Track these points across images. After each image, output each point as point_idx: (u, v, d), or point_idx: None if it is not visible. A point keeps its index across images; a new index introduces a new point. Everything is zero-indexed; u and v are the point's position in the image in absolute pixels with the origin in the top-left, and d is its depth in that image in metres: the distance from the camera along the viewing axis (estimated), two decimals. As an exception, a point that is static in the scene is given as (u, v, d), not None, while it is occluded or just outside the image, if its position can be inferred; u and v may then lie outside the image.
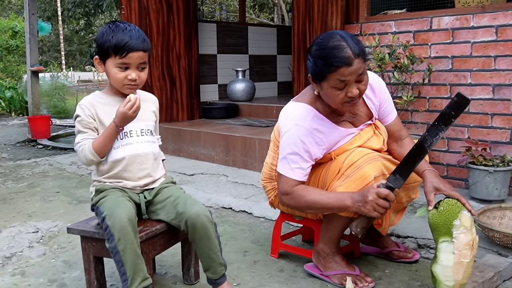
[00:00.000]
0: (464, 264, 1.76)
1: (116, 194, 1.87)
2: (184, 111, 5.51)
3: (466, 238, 1.75)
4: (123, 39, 1.82)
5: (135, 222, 1.77)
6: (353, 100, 1.88)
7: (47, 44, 28.29)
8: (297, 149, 1.96)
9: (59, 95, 10.12)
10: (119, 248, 1.69)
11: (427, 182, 1.94)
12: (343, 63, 1.78)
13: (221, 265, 1.92)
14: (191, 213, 1.84)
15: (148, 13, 5.03)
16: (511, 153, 3.12)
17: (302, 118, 1.98)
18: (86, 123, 1.89)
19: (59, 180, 4.23)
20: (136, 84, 1.90)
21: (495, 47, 3.13)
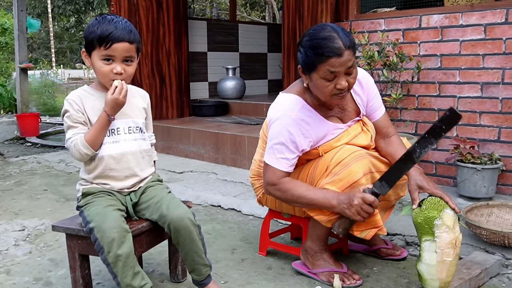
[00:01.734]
0: (447, 262, 1.76)
1: (103, 201, 1.82)
2: (174, 109, 5.49)
3: (449, 237, 1.75)
4: (107, 29, 1.76)
5: (125, 230, 1.71)
6: (342, 93, 1.88)
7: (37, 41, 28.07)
8: (283, 139, 1.95)
9: (48, 92, 10.04)
10: (109, 260, 1.67)
11: (411, 180, 1.94)
12: (333, 53, 1.78)
13: (205, 266, 1.90)
14: (174, 217, 1.81)
15: (138, 10, 5.00)
16: (499, 151, 3.14)
17: (290, 108, 1.97)
18: (75, 117, 1.83)
19: (47, 178, 4.19)
20: (122, 78, 1.83)
21: (483, 46, 3.14)
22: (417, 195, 1.89)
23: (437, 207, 1.79)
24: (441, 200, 1.83)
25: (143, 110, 2.01)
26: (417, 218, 1.82)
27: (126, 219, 1.85)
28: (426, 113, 3.43)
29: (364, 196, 1.81)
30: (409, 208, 1.91)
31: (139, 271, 1.72)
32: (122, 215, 1.79)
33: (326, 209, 1.94)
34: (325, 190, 1.93)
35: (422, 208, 1.83)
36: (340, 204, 1.86)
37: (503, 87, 3.09)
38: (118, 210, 1.81)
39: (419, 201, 1.87)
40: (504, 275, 2.14)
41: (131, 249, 1.69)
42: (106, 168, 1.86)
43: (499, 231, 2.28)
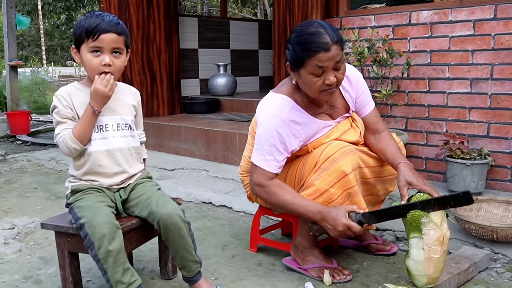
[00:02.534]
0: (434, 259, 1.77)
1: (93, 197, 1.82)
2: (165, 106, 5.47)
3: (436, 234, 1.76)
4: (94, 22, 1.78)
5: (116, 226, 1.71)
6: (331, 89, 1.88)
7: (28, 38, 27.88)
8: (273, 141, 1.96)
9: (39, 90, 9.98)
10: (100, 256, 1.66)
11: (401, 176, 1.95)
12: (321, 48, 1.79)
13: (195, 263, 1.90)
14: (163, 214, 1.81)
15: (128, 6, 4.97)
16: (488, 146, 3.16)
17: (279, 110, 1.98)
18: (64, 113, 1.83)
19: (37, 176, 4.16)
20: (111, 71, 1.83)
21: (472, 42, 3.16)
22: (406, 191, 1.90)
23: None
24: (429, 196, 1.83)
25: (132, 108, 2.00)
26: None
27: (115, 216, 1.85)
28: (416, 109, 3.45)
29: (350, 225, 1.81)
30: (398, 203, 1.91)
31: (129, 267, 1.72)
32: (112, 211, 1.79)
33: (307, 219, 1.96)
34: (310, 202, 1.93)
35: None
36: (323, 221, 1.87)
37: (492, 83, 3.11)
38: (108, 206, 1.81)
39: (407, 197, 1.88)
40: (493, 269, 2.16)
41: (121, 245, 1.69)
42: (95, 164, 1.86)
43: (487, 225, 2.30)
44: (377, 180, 2.12)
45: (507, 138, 3.10)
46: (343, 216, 1.82)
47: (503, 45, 3.04)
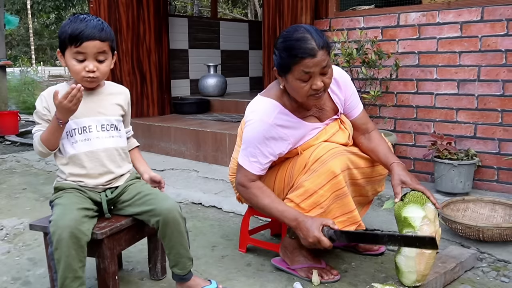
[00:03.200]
0: (426, 255, 1.80)
1: (70, 197, 1.81)
2: (155, 107, 5.46)
3: (429, 229, 1.80)
4: (78, 28, 1.76)
5: (81, 232, 1.67)
6: (318, 93, 1.90)
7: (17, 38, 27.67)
8: (258, 144, 1.98)
9: (28, 90, 9.89)
10: (55, 256, 1.66)
11: (395, 175, 1.98)
12: (307, 54, 1.80)
13: (189, 260, 1.91)
14: (163, 208, 1.83)
15: (118, 7, 4.96)
16: (475, 147, 3.20)
17: (267, 114, 1.99)
18: (41, 114, 1.86)
19: (26, 177, 4.14)
20: (95, 77, 1.83)
21: (460, 43, 3.19)
22: (399, 190, 1.94)
23: (420, 201, 1.85)
24: (423, 195, 1.88)
25: (119, 107, 1.99)
26: (400, 211, 1.85)
27: (99, 216, 1.86)
28: (405, 110, 3.48)
29: (320, 239, 1.84)
30: (391, 202, 1.95)
31: (81, 277, 1.68)
32: (85, 215, 1.75)
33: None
34: (288, 208, 1.96)
35: (405, 201, 1.87)
36: (297, 229, 1.92)
37: (479, 84, 3.15)
38: (82, 209, 1.76)
39: (401, 195, 1.91)
40: (479, 268, 2.19)
41: (79, 252, 1.66)
42: (78, 166, 1.87)
43: (474, 225, 2.33)
44: (366, 181, 2.14)
45: (493, 139, 3.14)
46: (316, 229, 1.85)
47: (489, 47, 3.08)
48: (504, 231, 2.30)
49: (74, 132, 1.86)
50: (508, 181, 3.13)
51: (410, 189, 1.94)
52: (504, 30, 3.02)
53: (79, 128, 1.87)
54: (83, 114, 1.87)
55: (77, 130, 1.86)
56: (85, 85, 1.86)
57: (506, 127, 3.08)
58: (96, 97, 1.93)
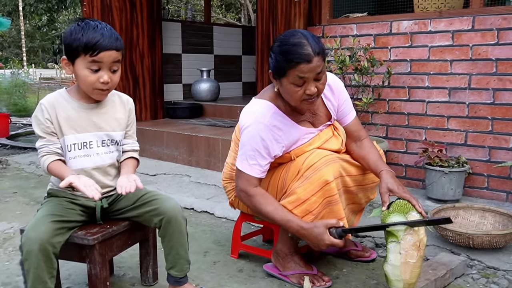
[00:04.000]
0: (411, 264, 1.80)
1: (54, 206, 1.79)
2: (148, 111, 5.46)
3: (413, 239, 1.80)
4: (94, 37, 1.70)
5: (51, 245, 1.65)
6: (311, 98, 1.91)
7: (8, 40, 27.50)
8: (256, 145, 1.98)
9: (19, 92, 9.81)
10: (25, 267, 1.65)
11: (382, 183, 1.99)
12: (302, 59, 1.81)
13: (187, 262, 1.92)
14: (167, 207, 1.84)
15: (111, 10, 4.95)
16: (465, 154, 3.22)
17: (262, 115, 2.00)
18: (44, 127, 1.80)
19: (17, 180, 4.11)
20: (108, 88, 1.79)
21: (451, 52, 3.23)
22: (387, 198, 1.94)
23: (403, 210, 1.84)
24: (408, 203, 1.88)
25: (121, 121, 1.95)
26: (384, 220, 1.87)
27: (91, 223, 1.86)
28: (396, 117, 3.51)
29: (333, 243, 1.87)
30: (378, 210, 1.96)
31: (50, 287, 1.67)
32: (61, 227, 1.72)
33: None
34: (291, 217, 1.95)
35: (390, 210, 1.87)
36: (305, 238, 1.93)
37: (469, 92, 3.18)
38: (59, 221, 1.72)
39: (388, 203, 1.92)
40: (469, 275, 2.21)
41: (48, 264, 1.65)
42: None
43: (464, 232, 2.35)
44: (358, 189, 2.16)
45: (484, 147, 3.17)
46: (325, 235, 1.87)
47: (480, 55, 3.12)
48: (494, 238, 2.32)
49: (74, 147, 1.83)
50: (498, 188, 3.16)
51: (397, 198, 1.95)
52: (494, 39, 3.06)
53: (79, 144, 1.84)
54: (84, 129, 1.85)
55: (77, 145, 1.84)
56: (95, 97, 1.82)
57: (496, 135, 3.12)
58: (99, 110, 1.89)
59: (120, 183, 1.78)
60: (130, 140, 2.02)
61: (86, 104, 1.86)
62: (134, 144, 2.03)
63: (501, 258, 2.34)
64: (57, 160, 1.79)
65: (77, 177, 1.70)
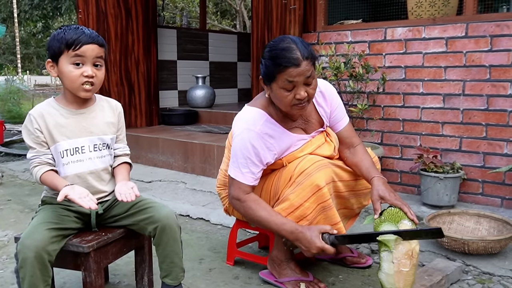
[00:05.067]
0: (404, 273, 1.79)
1: (48, 214, 1.78)
2: (143, 117, 5.45)
3: (405, 248, 1.78)
4: (76, 33, 1.76)
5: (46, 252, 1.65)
6: (301, 103, 1.91)
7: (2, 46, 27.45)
8: (247, 153, 1.98)
9: (14, 99, 9.80)
10: (20, 274, 1.65)
11: (374, 190, 1.98)
12: (291, 63, 1.82)
13: (182, 270, 1.91)
14: (162, 215, 1.83)
15: (106, 17, 4.96)
16: (460, 160, 3.24)
17: (253, 123, 2.00)
18: (34, 137, 1.80)
19: (11, 188, 4.09)
20: (93, 83, 1.80)
21: (445, 58, 3.25)
22: (379, 205, 1.94)
23: (395, 218, 1.83)
24: (400, 211, 1.86)
25: (111, 125, 1.95)
26: (377, 228, 1.86)
27: (87, 229, 1.85)
28: (391, 123, 3.52)
29: (324, 248, 1.86)
30: (371, 218, 1.95)
31: None
32: (57, 235, 1.72)
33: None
34: (285, 220, 1.95)
35: (382, 218, 1.87)
36: (296, 241, 1.92)
37: (463, 99, 3.20)
38: (54, 229, 1.72)
39: (380, 211, 1.92)
40: (464, 281, 2.21)
41: (43, 272, 1.64)
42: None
43: (459, 238, 2.35)
44: (351, 194, 2.16)
45: (478, 153, 3.18)
46: (317, 238, 1.87)
47: (474, 62, 3.14)
48: (489, 244, 2.33)
49: (67, 153, 1.83)
50: (492, 194, 3.17)
51: (389, 205, 1.93)
52: (488, 46, 3.08)
53: (72, 149, 1.84)
54: (75, 134, 1.85)
55: (69, 151, 1.84)
56: (82, 94, 1.82)
57: (490, 140, 3.13)
58: (88, 115, 1.90)
59: (119, 190, 1.78)
60: (121, 144, 2.02)
61: (75, 110, 1.87)
62: (125, 148, 2.04)
63: (496, 264, 2.34)
64: (50, 170, 1.80)
65: (71, 187, 1.70)
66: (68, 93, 1.86)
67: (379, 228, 1.84)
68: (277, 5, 3.83)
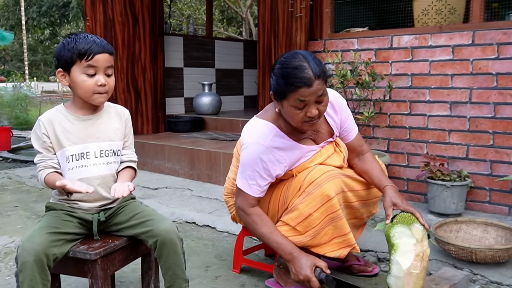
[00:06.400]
0: (414, 275, 1.80)
1: (51, 219, 1.79)
2: (149, 124, 5.47)
3: (416, 250, 1.80)
4: (87, 43, 1.78)
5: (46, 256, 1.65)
6: (313, 120, 1.91)
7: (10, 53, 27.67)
8: (255, 167, 1.98)
9: (21, 106, 9.86)
10: (19, 278, 1.65)
11: (387, 197, 2.00)
12: (303, 83, 1.80)
13: (185, 281, 1.90)
14: (161, 229, 1.82)
15: (114, 25, 4.99)
16: (467, 168, 3.22)
17: (263, 137, 2.00)
18: (41, 142, 1.83)
19: (18, 194, 4.11)
20: (106, 91, 1.83)
21: (452, 66, 3.24)
22: (391, 211, 1.96)
23: (407, 221, 1.87)
24: (412, 216, 1.91)
25: (118, 131, 1.96)
26: (388, 231, 1.87)
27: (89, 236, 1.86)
28: (398, 130, 3.51)
29: (311, 280, 1.92)
30: (382, 223, 1.97)
31: None
32: (58, 239, 1.73)
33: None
34: (285, 242, 2.00)
35: (394, 222, 1.89)
36: (289, 263, 1.97)
37: (470, 106, 3.19)
38: (55, 233, 1.73)
39: (392, 216, 1.93)
40: (472, 290, 2.20)
41: (43, 276, 1.64)
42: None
43: (466, 247, 2.34)
44: (361, 204, 2.16)
45: (485, 160, 3.17)
46: (308, 268, 1.92)
47: (480, 70, 3.13)
48: (497, 252, 2.31)
49: (72, 158, 1.84)
50: (500, 202, 3.15)
51: (401, 211, 1.96)
52: (494, 54, 3.08)
53: (77, 154, 1.85)
54: (82, 140, 1.86)
55: (75, 156, 1.84)
56: (97, 102, 1.84)
57: (497, 148, 3.12)
58: (95, 121, 1.91)
59: (114, 187, 1.79)
60: (129, 151, 2.02)
61: (82, 116, 1.89)
62: (132, 155, 2.03)
63: (504, 273, 2.33)
64: (54, 172, 1.81)
65: (71, 181, 1.73)
66: (78, 100, 1.88)
67: (391, 231, 1.87)
68: (283, 13, 3.85)
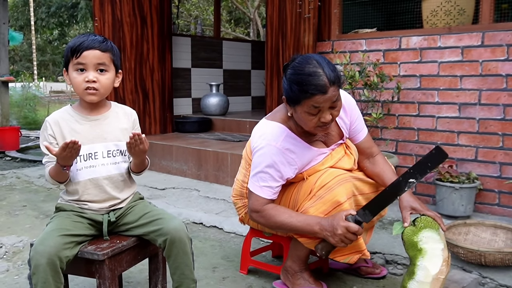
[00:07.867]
0: (441, 280, 1.79)
1: (61, 221, 1.80)
2: (157, 125, 5.49)
3: (444, 254, 1.79)
4: (79, 40, 1.81)
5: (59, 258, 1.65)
6: (326, 125, 1.90)
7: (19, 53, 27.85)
8: (268, 169, 1.97)
9: (30, 105, 9.92)
10: (33, 281, 1.65)
11: (404, 200, 1.97)
12: (318, 91, 1.78)
13: (193, 281, 1.90)
14: (170, 228, 1.82)
15: (122, 26, 5.01)
16: (476, 170, 3.20)
17: (274, 138, 1.99)
18: (47, 143, 1.82)
19: (27, 194, 4.13)
20: (96, 88, 1.82)
21: (461, 67, 3.22)
22: (408, 215, 1.93)
23: (433, 225, 1.84)
24: (434, 221, 1.87)
25: (125, 131, 1.95)
26: (412, 236, 1.84)
27: (99, 237, 1.86)
28: (406, 132, 3.50)
29: (348, 226, 1.82)
30: (400, 227, 1.93)
31: None
32: (70, 241, 1.73)
33: (309, 234, 1.95)
34: (308, 216, 1.94)
35: (418, 226, 1.85)
36: (322, 231, 1.87)
37: (479, 108, 3.17)
38: (67, 235, 1.73)
39: (410, 220, 1.90)
40: (481, 293, 2.18)
41: (56, 279, 1.65)
42: (84, 193, 1.86)
43: (475, 250, 2.32)
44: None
45: (494, 163, 3.14)
46: (340, 219, 1.83)
47: (490, 71, 3.11)
48: (506, 256, 2.29)
49: (80, 159, 1.85)
50: (509, 204, 3.13)
51: (420, 215, 1.92)
52: (504, 55, 3.05)
53: (85, 155, 1.85)
54: (89, 140, 1.86)
55: (82, 157, 1.85)
56: (87, 99, 1.84)
57: (507, 150, 3.09)
58: (102, 121, 1.92)
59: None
60: None
61: (89, 116, 1.90)
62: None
63: (513, 276, 2.31)
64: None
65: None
66: (82, 100, 1.90)
67: (417, 235, 1.83)
68: (291, 14, 3.84)
